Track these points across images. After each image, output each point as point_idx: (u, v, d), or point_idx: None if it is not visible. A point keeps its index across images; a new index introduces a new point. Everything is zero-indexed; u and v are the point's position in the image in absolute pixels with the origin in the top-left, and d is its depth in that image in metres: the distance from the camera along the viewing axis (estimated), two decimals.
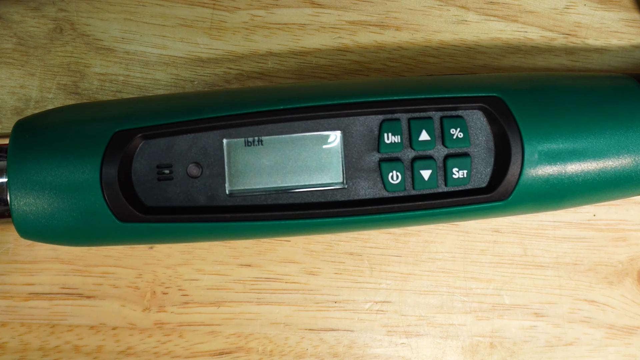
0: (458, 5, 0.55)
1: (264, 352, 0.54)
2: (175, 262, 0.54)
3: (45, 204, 0.43)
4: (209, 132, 0.44)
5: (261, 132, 0.44)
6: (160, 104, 0.45)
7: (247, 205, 0.44)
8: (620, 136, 0.46)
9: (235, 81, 0.54)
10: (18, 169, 0.43)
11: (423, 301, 0.55)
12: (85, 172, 0.43)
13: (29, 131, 0.44)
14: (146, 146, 0.44)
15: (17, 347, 0.53)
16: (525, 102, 0.45)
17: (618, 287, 0.56)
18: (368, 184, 0.45)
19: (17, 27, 0.54)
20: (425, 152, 0.45)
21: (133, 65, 0.54)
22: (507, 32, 0.56)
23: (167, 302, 0.54)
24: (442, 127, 0.45)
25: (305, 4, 0.55)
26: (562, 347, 0.55)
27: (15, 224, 0.43)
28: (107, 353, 0.53)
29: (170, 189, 0.44)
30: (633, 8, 0.56)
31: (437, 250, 0.55)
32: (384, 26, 0.55)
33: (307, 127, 0.45)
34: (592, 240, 0.56)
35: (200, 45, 0.54)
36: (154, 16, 0.54)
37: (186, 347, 0.54)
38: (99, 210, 0.43)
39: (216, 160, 0.44)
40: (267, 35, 0.55)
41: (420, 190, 0.45)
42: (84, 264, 0.53)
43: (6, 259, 0.53)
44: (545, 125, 0.45)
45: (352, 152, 0.45)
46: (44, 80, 0.54)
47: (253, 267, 0.54)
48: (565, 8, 0.56)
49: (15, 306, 0.53)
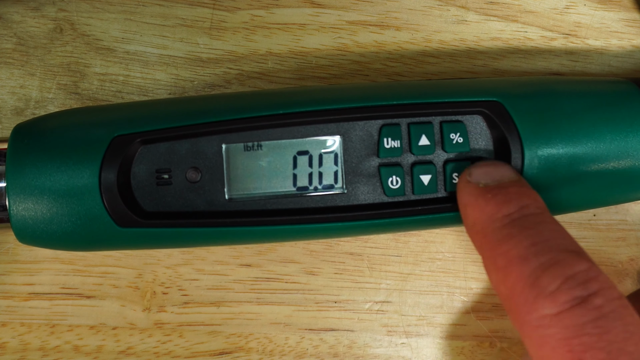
0: (458, 5, 0.55)
1: (264, 352, 0.54)
2: (175, 262, 0.54)
3: (44, 208, 0.43)
4: (208, 136, 0.44)
5: (260, 137, 0.44)
6: (160, 108, 0.45)
7: (247, 210, 0.44)
8: (620, 141, 0.45)
9: (235, 81, 0.54)
10: (17, 173, 0.43)
11: (423, 301, 0.55)
12: (84, 177, 0.43)
13: (28, 135, 0.44)
14: (145, 151, 0.44)
15: (17, 347, 0.53)
16: (525, 107, 0.45)
17: (618, 287, 0.56)
18: (368, 188, 0.45)
19: (17, 27, 0.54)
20: (425, 157, 0.45)
21: (133, 65, 0.54)
22: (507, 32, 0.55)
23: (167, 302, 0.54)
24: (441, 132, 0.45)
25: (305, 4, 0.55)
26: None
27: (14, 229, 0.43)
28: (107, 353, 0.53)
29: (169, 193, 0.44)
30: (633, 8, 0.56)
31: (437, 250, 0.55)
32: (384, 26, 0.55)
33: (306, 132, 0.44)
34: (592, 240, 0.56)
35: (200, 45, 0.54)
36: (154, 16, 0.54)
37: (186, 347, 0.54)
38: (98, 215, 0.43)
39: (215, 165, 0.44)
40: (267, 35, 0.55)
41: (420, 195, 0.45)
42: (84, 264, 0.54)
43: (6, 259, 0.53)
44: (545, 130, 0.45)
45: (352, 157, 0.45)
46: (44, 80, 0.53)
47: (253, 267, 0.54)
48: (565, 8, 0.55)
49: (15, 306, 0.53)
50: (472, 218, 0.42)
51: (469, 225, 0.42)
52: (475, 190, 0.42)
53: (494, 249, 0.39)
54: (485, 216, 0.41)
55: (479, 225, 0.41)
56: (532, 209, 0.40)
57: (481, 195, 0.42)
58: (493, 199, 0.41)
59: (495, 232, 0.40)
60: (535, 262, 0.37)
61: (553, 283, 0.36)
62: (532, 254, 0.37)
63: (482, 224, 0.41)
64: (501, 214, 0.40)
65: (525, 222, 0.40)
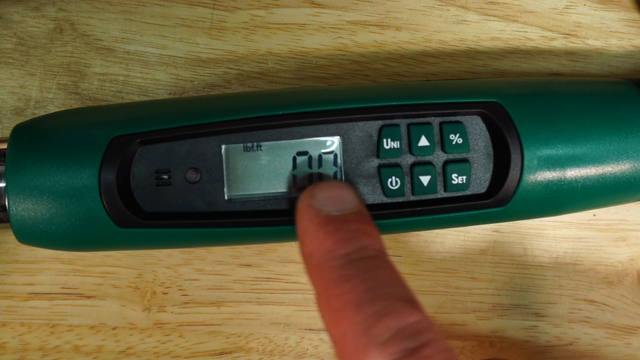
0: (458, 5, 0.55)
1: (264, 352, 0.54)
2: (175, 262, 0.54)
3: (44, 209, 0.43)
4: (208, 137, 0.44)
5: (260, 138, 0.44)
6: (159, 109, 0.45)
7: (246, 210, 0.44)
8: (619, 142, 0.46)
9: (235, 81, 0.54)
10: (16, 173, 0.43)
11: (423, 301, 0.55)
12: (84, 178, 0.43)
13: (28, 136, 0.44)
14: (145, 151, 0.44)
15: (17, 347, 0.53)
16: (524, 108, 0.45)
17: (618, 287, 0.56)
18: (367, 189, 0.45)
19: (17, 27, 0.54)
20: (424, 158, 0.45)
21: (133, 65, 0.54)
22: (507, 32, 0.55)
23: (167, 302, 0.54)
24: (441, 132, 0.45)
25: (305, 4, 0.55)
26: (562, 347, 0.55)
27: (13, 229, 0.43)
28: (107, 353, 0.53)
29: (168, 194, 0.44)
30: (633, 8, 0.56)
31: (437, 250, 0.55)
32: (384, 26, 0.55)
33: (306, 133, 0.44)
34: (592, 240, 0.56)
35: (200, 45, 0.54)
36: (154, 16, 0.54)
37: (186, 347, 0.54)
38: (98, 215, 0.43)
39: (215, 166, 0.44)
40: (267, 35, 0.55)
41: (419, 196, 0.45)
42: (84, 264, 0.54)
43: (6, 259, 0.53)
44: (544, 131, 0.45)
45: (351, 158, 0.45)
46: (44, 80, 0.53)
47: (253, 267, 0.54)
48: (565, 8, 0.55)
49: (15, 306, 0.53)
50: (310, 249, 0.40)
51: (304, 254, 0.41)
52: (316, 218, 0.41)
53: (329, 289, 0.38)
54: (323, 250, 0.40)
55: (316, 258, 0.40)
56: (371, 250, 0.40)
57: (322, 226, 0.41)
58: (334, 234, 0.40)
59: (332, 270, 0.39)
60: (369, 309, 0.36)
61: (385, 333, 0.35)
62: (367, 301, 0.37)
63: (320, 258, 0.40)
64: (340, 252, 0.39)
65: (363, 264, 0.39)
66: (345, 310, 0.37)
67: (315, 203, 0.42)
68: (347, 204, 0.42)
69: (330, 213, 0.41)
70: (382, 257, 0.40)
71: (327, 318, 0.38)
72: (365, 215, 0.42)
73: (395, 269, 0.40)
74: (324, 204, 0.41)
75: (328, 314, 0.38)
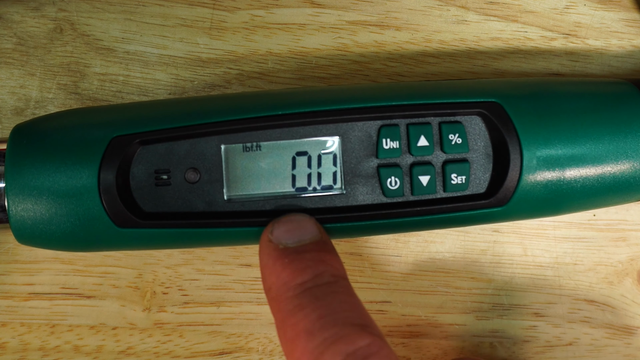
0: (458, 5, 0.55)
1: (264, 352, 0.54)
2: (175, 262, 0.54)
3: (43, 209, 0.43)
4: (207, 137, 0.44)
5: (259, 138, 0.44)
6: (158, 109, 0.45)
7: (246, 210, 0.44)
8: (619, 142, 0.46)
9: (235, 81, 0.54)
10: (16, 174, 0.43)
11: (423, 301, 0.55)
12: (83, 178, 0.42)
13: (27, 136, 0.44)
14: (144, 152, 0.44)
15: (17, 347, 0.53)
16: (523, 108, 0.45)
17: (618, 287, 0.56)
18: (366, 189, 0.45)
19: (17, 27, 0.54)
20: (423, 158, 0.45)
21: (133, 65, 0.54)
22: (507, 32, 0.55)
23: (167, 302, 0.54)
24: (440, 132, 0.45)
25: (305, 4, 0.55)
26: (562, 347, 0.55)
27: (13, 230, 0.43)
28: (107, 353, 0.53)
29: (168, 194, 0.44)
30: (633, 8, 0.56)
31: (437, 250, 0.55)
32: (384, 26, 0.55)
33: (305, 133, 0.44)
34: (592, 240, 0.56)
35: (200, 45, 0.54)
36: (154, 16, 0.54)
37: (186, 347, 0.54)
38: (97, 215, 0.43)
39: (214, 166, 0.44)
40: (267, 35, 0.55)
41: (418, 196, 0.45)
42: (84, 264, 0.54)
43: (6, 259, 0.53)
44: (543, 131, 0.45)
45: (351, 158, 0.45)
46: (44, 80, 0.53)
47: (253, 267, 0.54)
48: (565, 8, 0.55)
49: (15, 306, 0.53)
50: (269, 283, 0.41)
51: (265, 288, 0.42)
52: (275, 252, 0.41)
53: (285, 320, 0.39)
54: (280, 282, 0.40)
55: (274, 291, 0.40)
56: (327, 277, 0.40)
57: (279, 259, 0.41)
58: (289, 265, 0.40)
59: (287, 301, 0.39)
60: (320, 337, 0.37)
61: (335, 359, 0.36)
62: (318, 329, 0.37)
63: (277, 291, 0.40)
64: (295, 282, 0.40)
65: (317, 292, 0.39)
66: (298, 339, 0.38)
67: (274, 238, 0.42)
68: (305, 235, 0.42)
69: (288, 245, 0.42)
70: (339, 282, 0.40)
71: (284, 348, 0.39)
72: (324, 243, 0.42)
73: (352, 292, 0.40)
74: (281, 238, 0.42)
75: (284, 344, 0.39)
